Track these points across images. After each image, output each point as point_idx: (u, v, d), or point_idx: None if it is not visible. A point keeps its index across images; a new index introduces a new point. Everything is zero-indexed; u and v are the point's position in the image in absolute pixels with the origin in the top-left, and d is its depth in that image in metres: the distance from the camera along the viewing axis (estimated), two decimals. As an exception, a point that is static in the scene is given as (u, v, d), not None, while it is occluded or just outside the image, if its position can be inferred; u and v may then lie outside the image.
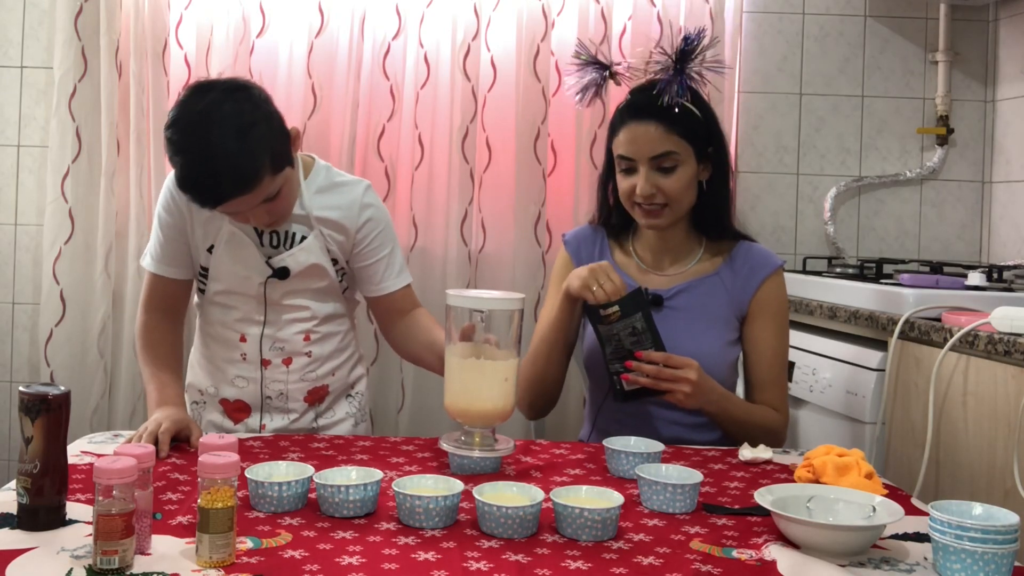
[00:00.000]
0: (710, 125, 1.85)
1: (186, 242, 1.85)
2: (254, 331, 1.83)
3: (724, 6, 2.80)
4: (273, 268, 1.79)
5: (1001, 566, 1.11)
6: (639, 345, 1.71)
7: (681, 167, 1.80)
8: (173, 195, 1.82)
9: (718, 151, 1.87)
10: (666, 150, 1.79)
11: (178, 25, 2.74)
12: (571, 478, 1.51)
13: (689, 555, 1.18)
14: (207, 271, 1.84)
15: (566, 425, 2.72)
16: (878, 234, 2.96)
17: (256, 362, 1.84)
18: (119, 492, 1.07)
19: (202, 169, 1.62)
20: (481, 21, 2.73)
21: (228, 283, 1.83)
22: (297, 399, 1.87)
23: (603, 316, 1.71)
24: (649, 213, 1.83)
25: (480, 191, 2.77)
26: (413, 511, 1.24)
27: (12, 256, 2.78)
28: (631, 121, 1.81)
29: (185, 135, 1.64)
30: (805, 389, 2.31)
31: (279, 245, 1.81)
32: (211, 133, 1.61)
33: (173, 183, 1.78)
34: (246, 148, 1.62)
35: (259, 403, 1.86)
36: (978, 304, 1.99)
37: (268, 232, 1.80)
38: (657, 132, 1.79)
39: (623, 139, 1.82)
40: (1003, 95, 2.88)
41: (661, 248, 1.92)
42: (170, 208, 1.83)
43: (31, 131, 2.77)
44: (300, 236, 1.81)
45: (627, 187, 1.83)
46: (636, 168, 1.81)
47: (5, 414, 2.79)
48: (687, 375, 1.69)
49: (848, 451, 1.46)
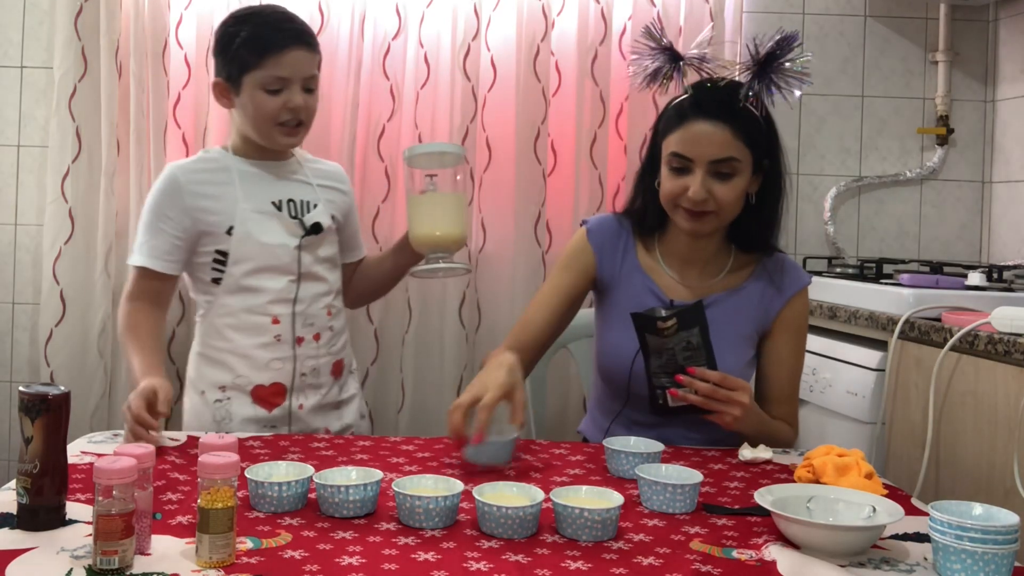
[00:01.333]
0: (771, 136, 1.76)
1: (185, 235, 1.85)
2: (285, 311, 1.87)
3: (724, 6, 2.80)
4: (306, 226, 1.88)
5: (1001, 566, 1.11)
6: (692, 361, 1.63)
7: (738, 176, 1.70)
8: (180, 182, 1.85)
9: (774, 164, 1.77)
10: (729, 155, 1.68)
11: (178, 25, 2.74)
12: (571, 478, 1.51)
13: (689, 555, 1.18)
14: (226, 256, 1.85)
15: (566, 425, 2.71)
16: (878, 234, 2.96)
17: (290, 341, 1.87)
18: (119, 492, 1.07)
19: (278, 14, 1.87)
20: (481, 21, 2.73)
21: (257, 259, 1.85)
22: (325, 373, 1.93)
23: (660, 328, 1.63)
24: (695, 217, 1.72)
25: (480, 191, 2.77)
26: (413, 511, 1.24)
27: (12, 256, 2.78)
28: (695, 119, 1.69)
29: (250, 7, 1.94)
30: (805, 389, 2.31)
31: (297, 215, 1.89)
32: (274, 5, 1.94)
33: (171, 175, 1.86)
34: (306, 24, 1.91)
35: (293, 383, 1.89)
36: (978, 304, 1.99)
37: (285, 201, 1.89)
38: (723, 135, 1.68)
39: (682, 137, 1.70)
40: (1003, 95, 2.88)
41: (691, 257, 1.82)
42: (173, 200, 1.85)
43: (31, 131, 2.77)
44: (312, 203, 1.92)
45: (677, 188, 1.71)
46: (690, 169, 1.70)
47: (5, 414, 2.79)
48: (741, 398, 1.62)
49: (848, 451, 1.46)
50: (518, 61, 2.74)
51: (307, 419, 1.91)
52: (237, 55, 1.82)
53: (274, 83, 1.81)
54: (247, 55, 1.81)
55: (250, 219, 1.84)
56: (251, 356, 1.86)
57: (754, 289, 1.82)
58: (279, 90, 1.81)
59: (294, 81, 1.82)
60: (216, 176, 1.87)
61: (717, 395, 1.62)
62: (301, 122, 1.86)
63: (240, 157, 1.90)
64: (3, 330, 2.78)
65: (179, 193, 1.84)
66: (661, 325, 1.63)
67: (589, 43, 2.75)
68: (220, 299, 1.87)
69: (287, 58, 1.80)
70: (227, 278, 1.86)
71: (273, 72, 1.80)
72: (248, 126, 1.86)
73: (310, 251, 1.89)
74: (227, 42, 1.84)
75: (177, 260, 1.87)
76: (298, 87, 1.82)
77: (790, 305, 1.83)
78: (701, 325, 1.63)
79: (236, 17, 1.87)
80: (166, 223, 1.85)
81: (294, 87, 1.82)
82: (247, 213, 1.84)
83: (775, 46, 1.70)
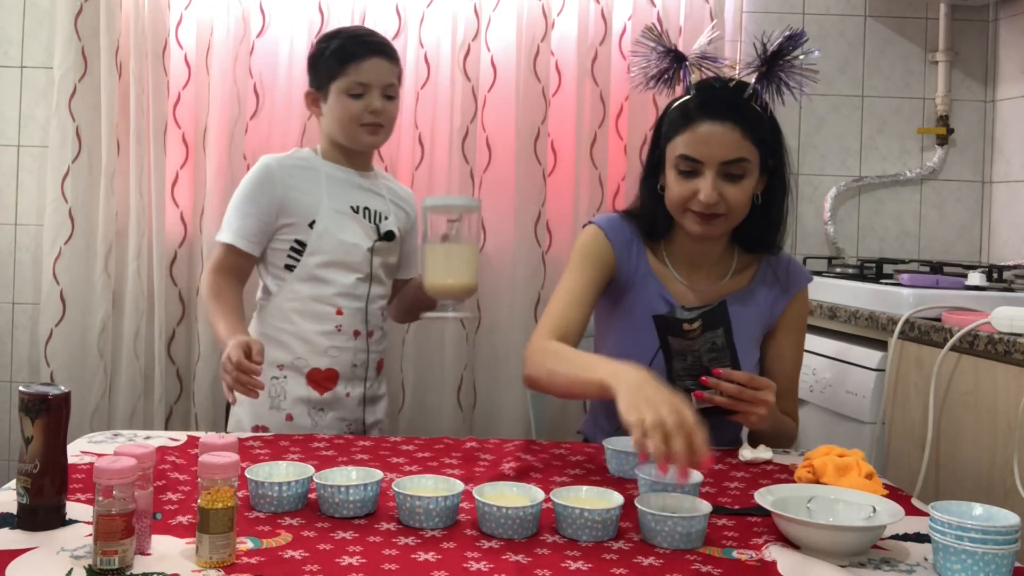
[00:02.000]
0: (776, 135, 1.74)
1: (270, 221, 1.98)
2: (350, 304, 2.00)
3: (724, 6, 2.80)
4: (380, 232, 2.03)
5: (1001, 566, 1.11)
6: (718, 362, 1.61)
7: (747, 177, 1.68)
8: (274, 173, 1.99)
9: (779, 164, 1.75)
10: (740, 156, 1.66)
11: (178, 25, 2.74)
12: (571, 478, 1.51)
13: (689, 555, 1.18)
14: (303, 246, 1.98)
15: (566, 425, 2.71)
16: (878, 234, 2.96)
17: (350, 333, 2.01)
18: (119, 492, 1.07)
19: (362, 30, 2.12)
20: (481, 21, 2.73)
21: (332, 254, 1.99)
22: (372, 368, 2.07)
23: (686, 331, 1.60)
24: (704, 220, 1.69)
25: (480, 191, 2.77)
26: (413, 511, 1.24)
27: (12, 256, 2.78)
28: (704, 120, 1.66)
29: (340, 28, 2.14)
30: (805, 389, 2.31)
31: (373, 221, 2.04)
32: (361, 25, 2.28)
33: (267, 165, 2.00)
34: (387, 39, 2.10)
35: (347, 372, 2.02)
36: (978, 304, 1.99)
37: (362, 208, 2.03)
38: (733, 136, 1.65)
39: (691, 139, 1.67)
40: (1003, 95, 2.88)
41: (697, 260, 1.80)
42: (264, 187, 1.98)
43: (31, 131, 2.77)
44: (385, 214, 2.06)
45: (686, 191, 1.68)
46: (700, 172, 1.67)
47: (5, 414, 2.79)
48: (767, 397, 1.60)
49: (848, 451, 1.46)
50: (518, 61, 2.74)
51: (351, 407, 2.03)
52: (325, 65, 2.00)
53: (356, 88, 1.97)
54: (333, 64, 1.98)
55: (332, 217, 1.99)
56: (312, 341, 1.99)
57: (760, 289, 1.82)
58: (361, 95, 1.98)
59: (374, 87, 1.98)
60: (305, 173, 2.01)
61: (744, 395, 1.60)
62: (381, 125, 2.01)
63: (328, 161, 2.04)
64: (3, 330, 2.78)
65: (271, 182, 1.98)
66: (687, 327, 1.60)
67: (589, 43, 2.75)
68: (291, 284, 2.00)
69: (367, 66, 1.97)
70: (301, 267, 1.99)
71: (355, 78, 1.97)
72: (335, 128, 2.01)
73: (380, 255, 2.04)
74: (318, 56, 2.03)
75: (260, 243, 2.00)
76: (378, 92, 1.98)
77: (793, 303, 1.84)
78: (725, 326, 1.62)
79: (327, 35, 2.07)
80: (255, 207, 1.98)
81: (374, 92, 1.98)
82: (330, 211, 1.99)
83: (783, 43, 1.69)
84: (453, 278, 1.79)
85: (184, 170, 2.77)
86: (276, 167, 2.01)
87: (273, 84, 2.74)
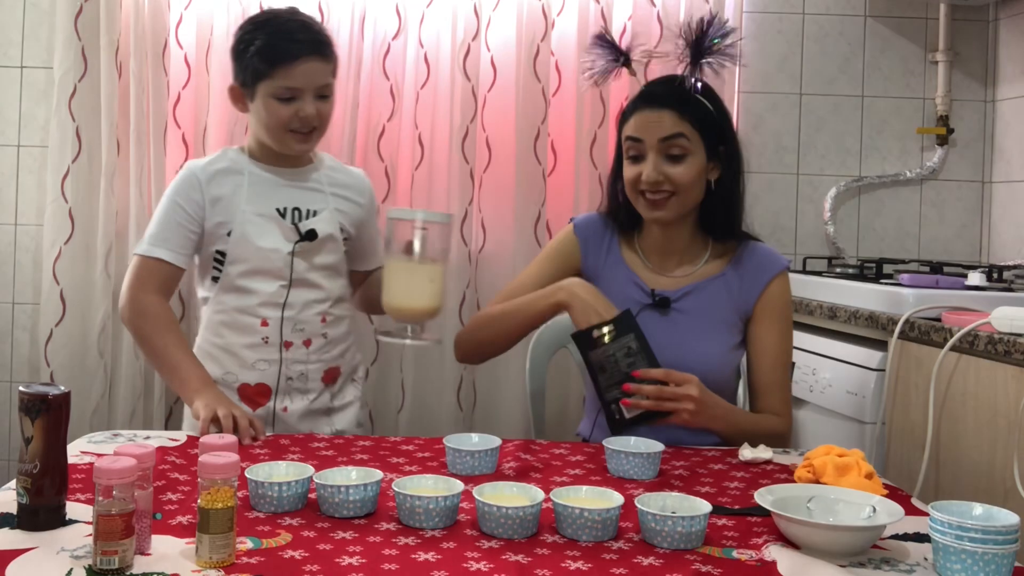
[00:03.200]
0: (723, 122, 1.84)
1: (197, 230, 1.88)
2: (275, 314, 1.89)
3: (724, 6, 2.80)
4: (301, 232, 1.88)
5: (1001, 566, 1.11)
6: (635, 366, 1.66)
7: (691, 157, 1.78)
8: (197, 179, 1.88)
9: (729, 150, 1.84)
10: (677, 132, 1.77)
11: (178, 25, 2.74)
12: (571, 478, 1.51)
13: (689, 555, 1.18)
14: (224, 256, 1.88)
15: (566, 425, 2.71)
16: (878, 234, 2.96)
17: (277, 344, 1.89)
18: (119, 492, 1.07)
19: (294, 23, 1.86)
20: (481, 21, 2.73)
21: (252, 262, 1.87)
22: (315, 379, 1.94)
23: (595, 339, 1.67)
24: (654, 203, 1.80)
25: (480, 191, 2.77)
26: (413, 511, 1.24)
27: (12, 256, 2.78)
28: (644, 108, 1.80)
29: (268, 12, 1.95)
30: (805, 389, 2.31)
31: (300, 220, 1.91)
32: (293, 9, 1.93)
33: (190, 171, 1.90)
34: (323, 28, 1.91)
35: (279, 385, 1.91)
36: (978, 304, 1.99)
37: (290, 209, 1.90)
38: (670, 116, 1.77)
39: (633, 123, 1.81)
40: (1003, 95, 2.88)
41: (667, 248, 1.89)
42: (189, 193, 1.88)
43: (31, 131, 2.77)
44: (316, 211, 1.93)
45: (633, 174, 1.81)
46: (644, 154, 1.79)
47: (5, 414, 2.79)
48: (688, 391, 1.65)
49: (848, 451, 1.46)
50: (518, 61, 2.74)
51: (291, 422, 1.92)
52: (251, 63, 1.83)
53: (285, 93, 1.83)
54: (259, 64, 1.82)
55: (249, 222, 1.87)
56: (239, 354, 1.90)
57: (732, 275, 1.87)
58: (291, 99, 1.83)
59: (306, 91, 1.83)
60: (228, 178, 1.90)
61: (664, 393, 1.65)
62: (314, 128, 1.87)
63: (255, 161, 1.93)
64: (3, 330, 2.78)
65: (196, 188, 1.88)
66: (597, 334, 1.67)
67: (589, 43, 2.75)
68: (218, 297, 1.91)
69: (298, 69, 1.82)
70: (224, 277, 1.89)
71: (284, 83, 1.82)
72: (262, 132, 1.89)
73: (304, 257, 1.90)
74: (243, 49, 1.85)
75: (186, 253, 1.90)
76: (310, 96, 1.84)
77: (769, 289, 1.86)
78: (636, 331, 1.67)
79: (253, 23, 1.88)
80: (181, 216, 1.88)
81: (306, 96, 1.83)
82: (248, 216, 1.87)
83: (700, 28, 1.81)
84: (411, 300, 1.67)
85: (184, 170, 2.77)
86: (199, 172, 1.89)
87: (273, 84, 2.74)
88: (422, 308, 1.67)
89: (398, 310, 1.68)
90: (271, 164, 1.93)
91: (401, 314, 1.68)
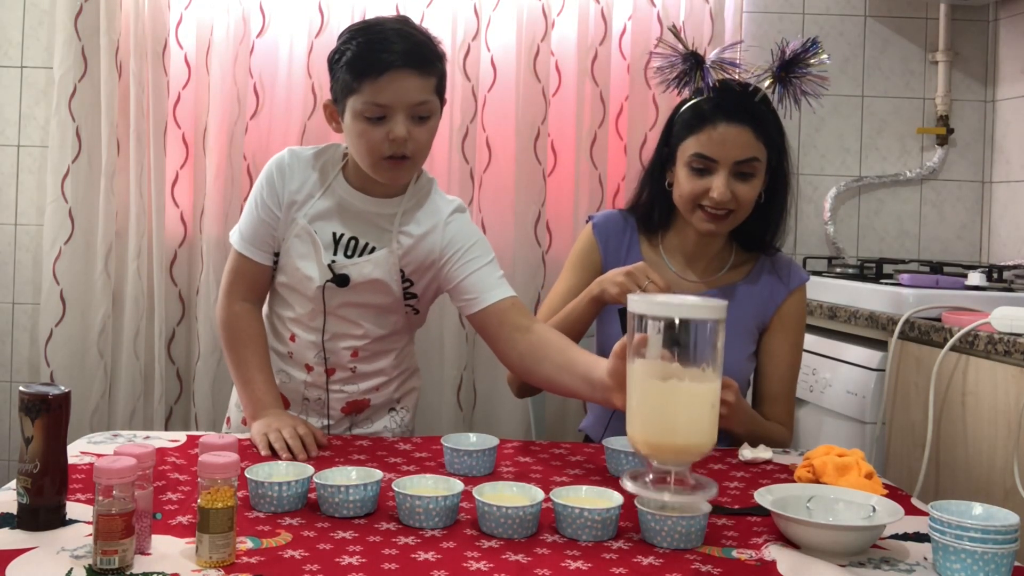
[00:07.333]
0: (782, 136, 1.81)
1: (275, 226, 1.73)
2: (304, 335, 1.77)
3: (724, 6, 2.80)
4: (334, 273, 1.69)
5: (1001, 566, 1.11)
6: None
7: (757, 176, 1.75)
8: (280, 172, 1.73)
9: (781, 164, 1.81)
10: (753, 156, 1.73)
11: (178, 25, 2.74)
12: (571, 478, 1.51)
13: (689, 555, 1.18)
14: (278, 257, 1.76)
15: (566, 425, 2.72)
16: (878, 234, 2.96)
17: (300, 364, 1.78)
18: (119, 492, 1.07)
19: (392, 31, 1.60)
20: (481, 21, 2.73)
21: (290, 279, 1.74)
22: (335, 408, 1.81)
23: None
24: (714, 218, 1.76)
25: (480, 191, 2.77)
26: (413, 511, 1.24)
27: (12, 256, 2.78)
28: (720, 122, 1.73)
29: (372, 19, 1.67)
30: (805, 389, 2.31)
31: (352, 254, 1.71)
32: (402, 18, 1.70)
33: (277, 163, 1.74)
34: (431, 38, 1.65)
35: (298, 403, 1.81)
36: (978, 304, 1.99)
37: (346, 238, 1.71)
38: (747, 137, 1.72)
39: (708, 139, 1.73)
40: (1003, 95, 2.88)
41: (697, 254, 1.86)
42: (270, 187, 1.72)
43: (31, 131, 2.78)
44: (372, 247, 1.71)
45: (698, 188, 1.75)
46: (713, 170, 1.73)
47: (5, 414, 2.79)
48: (726, 397, 1.61)
49: (848, 451, 1.46)
50: (518, 61, 2.74)
51: None
52: (340, 75, 1.62)
53: (374, 111, 1.59)
54: (347, 77, 1.60)
55: (299, 237, 1.71)
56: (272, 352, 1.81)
57: (754, 284, 1.86)
58: (381, 118, 1.59)
59: (396, 109, 1.58)
60: (308, 183, 1.73)
61: None
62: (406, 156, 1.62)
63: (344, 174, 1.73)
64: (3, 330, 2.78)
65: (277, 183, 1.72)
66: None
67: (589, 43, 2.75)
68: (272, 295, 1.82)
69: (387, 83, 1.57)
70: (276, 280, 1.79)
71: (372, 98, 1.58)
72: (353, 154, 1.68)
73: (338, 296, 1.71)
74: (336, 59, 1.63)
75: (266, 251, 1.75)
76: (402, 116, 1.58)
77: (789, 301, 1.86)
78: None
79: (351, 30, 1.64)
80: (263, 211, 1.73)
81: (397, 116, 1.58)
82: (302, 230, 1.71)
83: (799, 50, 1.73)
84: (676, 433, 1.19)
85: (184, 170, 2.77)
86: (285, 165, 1.73)
87: (273, 84, 2.74)
88: (695, 445, 1.21)
89: (657, 447, 1.21)
90: (357, 185, 1.71)
91: (661, 453, 1.22)
